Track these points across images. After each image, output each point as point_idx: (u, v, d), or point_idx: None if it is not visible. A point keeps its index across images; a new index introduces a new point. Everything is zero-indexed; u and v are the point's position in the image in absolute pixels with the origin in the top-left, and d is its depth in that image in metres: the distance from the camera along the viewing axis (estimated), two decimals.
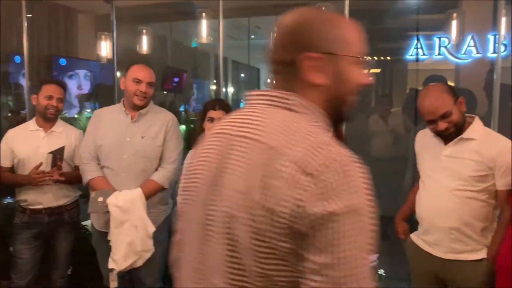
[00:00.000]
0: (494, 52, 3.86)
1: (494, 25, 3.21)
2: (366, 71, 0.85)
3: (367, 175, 0.71)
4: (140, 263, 2.25)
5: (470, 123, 1.85)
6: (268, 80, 9.83)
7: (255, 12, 5.04)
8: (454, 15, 3.22)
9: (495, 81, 2.41)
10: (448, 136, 1.84)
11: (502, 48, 3.98)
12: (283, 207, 0.69)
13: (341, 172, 0.69)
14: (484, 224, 1.80)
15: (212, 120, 2.20)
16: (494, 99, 2.39)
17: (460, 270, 1.83)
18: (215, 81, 6.54)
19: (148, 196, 2.29)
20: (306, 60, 0.79)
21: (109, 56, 4.34)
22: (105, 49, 4.47)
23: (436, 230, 1.86)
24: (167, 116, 2.44)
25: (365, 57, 0.83)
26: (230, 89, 6.76)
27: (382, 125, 4.15)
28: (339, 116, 0.85)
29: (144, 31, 4.43)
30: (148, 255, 2.26)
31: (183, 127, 5.34)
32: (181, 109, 6.29)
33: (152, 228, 2.25)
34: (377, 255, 3.08)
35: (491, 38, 3.62)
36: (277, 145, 0.73)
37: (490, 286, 1.78)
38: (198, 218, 0.83)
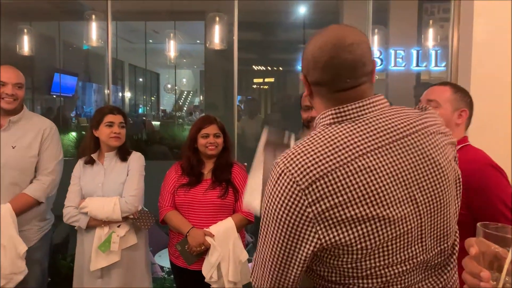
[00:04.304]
0: None
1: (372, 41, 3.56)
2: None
3: None
4: (11, 285, 2.04)
5: None
6: (169, 86, 9.61)
7: (151, 17, 4.92)
8: None
9: None
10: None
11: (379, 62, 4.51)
12: None
13: None
14: None
15: (112, 124, 2.13)
16: None
17: None
18: (112, 86, 6.25)
19: (19, 212, 2.08)
20: None
21: None
22: None
23: None
24: (44, 124, 2.24)
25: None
26: (127, 94, 6.44)
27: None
28: None
29: (25, 30, 4.05)
30: (20, 277, 2.06)
31: (73, 134, 4.99)
32: (72, 114, 5.88)
33: (23, 248, 2.05)
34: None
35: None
36: None
37: None
38: None
